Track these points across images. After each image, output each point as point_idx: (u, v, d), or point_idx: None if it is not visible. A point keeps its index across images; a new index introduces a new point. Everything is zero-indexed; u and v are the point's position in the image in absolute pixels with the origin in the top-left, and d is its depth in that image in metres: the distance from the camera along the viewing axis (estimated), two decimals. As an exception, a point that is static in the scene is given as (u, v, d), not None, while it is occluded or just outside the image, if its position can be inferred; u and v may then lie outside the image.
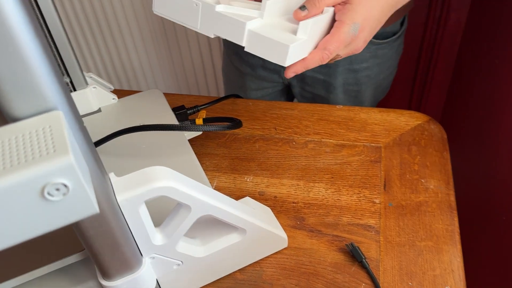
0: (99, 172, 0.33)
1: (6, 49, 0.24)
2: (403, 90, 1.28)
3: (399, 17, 0.79)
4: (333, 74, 0.81)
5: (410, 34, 1.15)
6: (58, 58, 0.59)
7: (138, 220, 0.38)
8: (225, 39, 0.57)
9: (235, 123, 0.57)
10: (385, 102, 1.31)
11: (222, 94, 1.60)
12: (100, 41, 1.55)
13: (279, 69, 0.85)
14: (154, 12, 0.49)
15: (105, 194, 0.34)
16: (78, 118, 0.30)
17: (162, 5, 0.49)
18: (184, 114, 0.65)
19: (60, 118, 0.26)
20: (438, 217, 0.54)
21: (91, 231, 0.35)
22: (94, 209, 0.27)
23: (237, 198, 0.58)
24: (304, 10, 0.47)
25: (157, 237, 0.41)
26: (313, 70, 0.82)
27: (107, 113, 0.65)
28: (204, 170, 0.62)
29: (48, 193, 0.25)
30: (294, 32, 0.46)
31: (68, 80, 0.61)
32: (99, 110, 0.65)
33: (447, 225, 0.53)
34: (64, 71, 0.60)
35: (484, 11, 0.98)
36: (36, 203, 0.25)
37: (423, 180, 0.58)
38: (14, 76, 0.25)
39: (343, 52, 0.51)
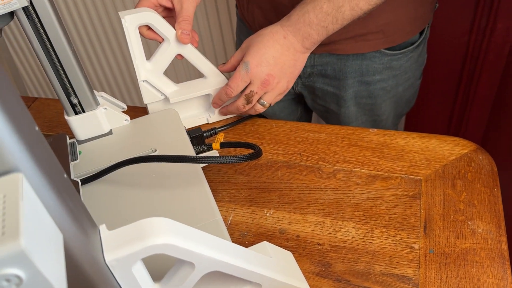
0: (82, 233, 0.28)
1: None
2: (443, 106, 1.18)
3: (418, 29, 0.73)
4: (343, 86, 0.76)
5: (451, 44, 1.06)
6: (65, 79, 0.54)
7: (133, 281, 0.33)
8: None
9: (254, 153, 0.51)
10: (422, 118, 1.22)
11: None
12: (111, 57, 1.53)
13: None
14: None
15: (89, 255, 0.29)
16: (52, 174, 0.25)
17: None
18: (200, 137, 0.60)
19: (18, 184, 0.21)
20: (487, 269, 0.46)
21: (75, 297, 0.30)
22: (59, 297, 0.22)
23: (254, 235, 0.52)
24: (223, 65, 0.65)
25: (156, 295, 0.36)
26: (323, 82, 0.77)
27: (119, 135, 0.61)
28: (219, 201, 0.56)
29: (-5, 286, 0.19)
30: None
31: (76, 100, 0.57)
32: (110, 132, 0.61)
33: (498, 280, 0.45)
34: (72, 92, 0.56)
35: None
36: (-20, 298, 0.19)
37: (469, 223, 0.50)
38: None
39: (254, 88, 0.61)
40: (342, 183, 0.56)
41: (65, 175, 0.27)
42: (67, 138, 0.59)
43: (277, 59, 0.60)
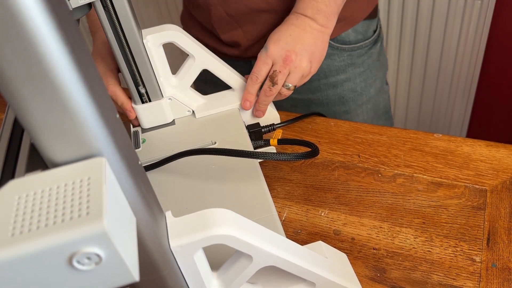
0: (152, 218, 0.29)
1: (37, 83, 0.20)
2: (510, 114, 1.12)
3: (359, 18, 0.70)
4: (310, 90, 0.72)
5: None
6: (135, 69, 0.57)
7: (193, 267, 0.34)
8: None
9: (311, 152, 0.50)
10: (487, 126, 1.16)
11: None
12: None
13: None
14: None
15: (157, 240, 0.30)
16: (130, 160, 0.26)
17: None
18: (258, 132, 0.60)
19: (102, 167, 0.22)
20: (557, 290, 0.43)
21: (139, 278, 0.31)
22: (133, 278, 0.23)
23: (308, 234, 0.52)
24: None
25: (213, 284, 0.36)
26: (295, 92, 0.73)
27: (181, 126, 0.62)
28: (274, 197, 0.57)
29: (78, 262, 0.21)
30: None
31: (144, 90, 0.59)
32: (173, 122, 0.63)
33: None
34: (140, 82, 0.58)
35: None
36: (63, 272, 0.21)
37: (539, 239, 0.47)
38: (49, 116, 0.21)
39: (277, 67, 0.59)
40: (402, 188, 0.55)
41: (140, 162, 0.29)
42: (131, 126, 0.61)
43: (295, 37, 0.59)
